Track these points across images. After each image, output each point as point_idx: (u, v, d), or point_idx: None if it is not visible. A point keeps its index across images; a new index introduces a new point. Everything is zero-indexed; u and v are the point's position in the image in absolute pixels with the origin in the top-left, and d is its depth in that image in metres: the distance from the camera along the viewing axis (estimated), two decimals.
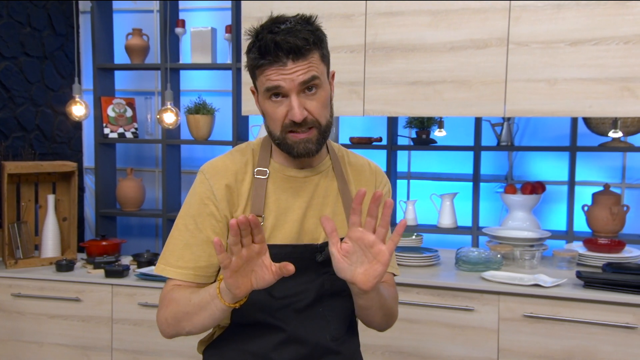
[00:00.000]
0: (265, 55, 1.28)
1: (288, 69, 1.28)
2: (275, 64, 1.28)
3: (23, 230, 3.15)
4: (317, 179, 1.45)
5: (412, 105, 2.79)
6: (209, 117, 3.48)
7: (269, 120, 1.36)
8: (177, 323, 1.35)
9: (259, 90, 1.35)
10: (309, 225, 1.42)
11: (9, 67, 3.63)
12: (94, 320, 2.92)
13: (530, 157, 3.62)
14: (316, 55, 1.32)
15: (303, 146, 1.34)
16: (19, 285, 2.98)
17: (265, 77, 1.30)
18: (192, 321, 1.32)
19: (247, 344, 1.41)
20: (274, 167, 1.43)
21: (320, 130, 1.35)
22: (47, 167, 3.14)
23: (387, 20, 2.78)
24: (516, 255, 2.86)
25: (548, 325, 2.52)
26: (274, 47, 1.26)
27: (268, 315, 1.40)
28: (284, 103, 1.31)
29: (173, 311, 1.35)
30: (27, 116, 3.76)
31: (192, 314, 1.31)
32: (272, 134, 1.37)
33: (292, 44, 1.26)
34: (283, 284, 1.38)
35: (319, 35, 1.33)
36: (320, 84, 1.33)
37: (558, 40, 2.63)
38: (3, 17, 3.61)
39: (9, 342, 3.01)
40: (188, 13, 3.85)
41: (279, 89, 1.29)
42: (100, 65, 3.55)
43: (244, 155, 1.44)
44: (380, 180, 1.54)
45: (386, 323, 1.47)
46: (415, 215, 3.56)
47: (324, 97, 1.34)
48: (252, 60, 1.32)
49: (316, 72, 1.31)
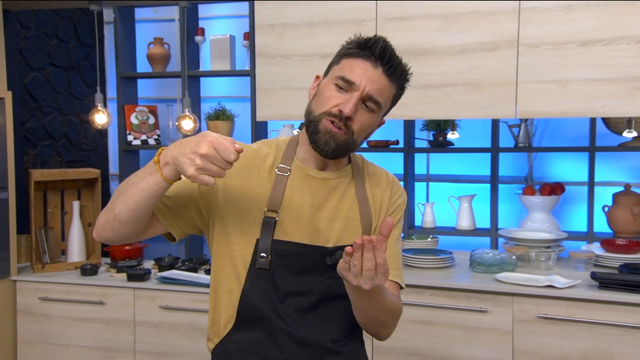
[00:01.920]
0: (368, 49, 1.37)
1: (374, 73, 1.36)
2: (369, 61, 1.36)
3: (50, 235, 3.25)
4: (335, 183, 1.49)
5: (423, 108, 2.81)
6: (229, 122, 3.54)
7: (319, 100, 1.41)
8: (111, 205, 1.35)
9: (331, 73, 1.42)
10: (321, 226, 1.46)
11: (36, 78, 3.76)
12: (117, 323, 3.00)
13: (550, 158, 3.60)
14: (394, 89, 1.42)
15: (327, 138, 1.39)
16: (45, 289, 3.08)
17: (350, 65, 1.37)
18: (123, 196, 1.31)
19: (252, 344, 1.45)
20: (295, 165, 1.48)
21: (347, 139, 1.40)
22: (71, 174, 3.24)
23: (397, 24, 2.81)
24: (531, 256, 2.85)
25: (563, 326, 2.52)
26: (381, 49, 1.36)
27: (273, 312, 1.43)
28: (344, 95, 1.38)
29: (115, 194, 1.36)
30: (55, 125, 3.88)
31: (126, 188, 1.32)
32: (311, 113, 1.42)
33: (394, 59, 1.38)
34: (289, 280, 1.43)
35: (407, 81, 1.45)
36: (377, 111, 1.41)
37: (568, 41, 2.62)
38: (31, 30, 3.74)
39: (37, 344, 3.11)
40: (207, 21, 3.93)
41: (352, 86, 1.36)
42: (123, 74, 3.65)
43: (269, 147, 1.51)
44: (396, 191, 1.57)
45: (375, 328, 1.47)
46: (434, 218, 3.57)
47: (371, 122, 1.42)
48: (351, 45, 1.40)
49: (382, 102, 1.40)
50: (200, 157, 1.19)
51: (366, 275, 1.21)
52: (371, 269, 1.20)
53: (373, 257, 1.20)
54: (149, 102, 4.04)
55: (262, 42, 3.01)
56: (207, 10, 3.94)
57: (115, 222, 1.32)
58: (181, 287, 2.89)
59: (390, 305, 1.41)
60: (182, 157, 1.21)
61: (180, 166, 1.21)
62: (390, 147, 3.53)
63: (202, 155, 1.18)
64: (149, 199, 1.29)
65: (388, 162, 3.80)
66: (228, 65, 3.55)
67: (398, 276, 1.51)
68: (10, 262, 3.09)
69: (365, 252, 1.19)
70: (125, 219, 1.32)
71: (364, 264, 1.20)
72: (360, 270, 1.21)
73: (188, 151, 1.20)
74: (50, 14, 3.84)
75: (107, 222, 1.34)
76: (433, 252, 2.95)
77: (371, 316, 1.41)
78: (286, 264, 1.43)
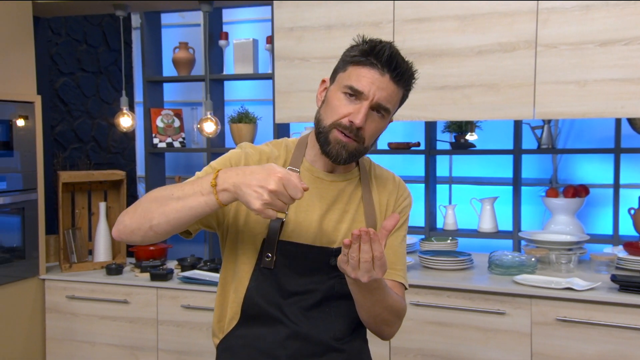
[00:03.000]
0: (374, 56, 1.37)
1: (382, 81, 1.36)
2: (376, 69, 1.36)
3: (77, 236, 3.34)
4: (342, 185, 1.51)
5: (441, 110, 2.81)
6: (251, 125, 3.59)
7: (328, 109, 1.42)
8: (145, 214, 1.31)
9: (338, 81, 1.43)
10: (327, 228, 1.48)
11: (67, 83, 3.87)
12: (141, 322, 3.07)
13: (575, 160, 3.55)
14: (401, 93, 1.43)
15: (338, 149, 1.41)
16: (72, 288, 3.17)
17: (357, 74, 1.38)
18: (164, 209, 1.29)
19: (255, 340, 1.48)
20: (304, 167, 1.50)
21: (359, 147, 1.42)
22: (98, 176, 3.33)
23: (414, 26, 2.82)
24: (552, 259, 2.83)
25: (582, 329, 2.49)
26: (388, 56, 1.36)
27: (276, 310, 1.46)
28: (353, 104, 1.39)
29: (149, 199, 1.33)
30: (84, 128, 3.98)
31: (167, 201, 1.29)
32: (321, 122, 1.44)
33: (401, 65, 1.38)
34: (294, 280, 1.46)
35: (413, 83, 1.46)
36: (386, 116, 1.42)
37: (587, 41, 2.59)
38: (62, 36, 3.85)
39: (64, 341, 3.20)
40: (231, 26, 3.99)
41: (361, 95, 1.37)
42: (149, 78, 3.73)
43: (278, 149, 1.53)
44: (402, 194, 1.58)
45: (378, 326, 1.47)
46: (455, 220, 3.55)
47: (381, 127, 1.44)
48: (356, 52, 1.40)
49: (391, 108, 1.41)
50: (269, 193, 1.19)
51: (363, 267, 1.23)
52: (368, 261, 1.22)
53: (370, 249, 1.21)
54: (175, 105, 4.12)
55: (281, 45, 3.05)
56: (232, 15, 4.00)
57: (150, 231, 1.32)
58: (202, 287, 2.94)
59: (392, 304, 1.42)
60: (247, 189, 1.21)
61: (245, 197, 1.21)
62: (412, 149, 3.53)
63: (270, 191, 1.19)
64: (195, 217, 1.30)
65: (409, 164, 3.80)
66: (251, 68, 3.60)
67: (402, 277, 1.52)
68: (39, 262, 3.18)
69: (363, 244, 1.21)
70: (163, 231, 1.32)
71: (361, 256, 1.21)
72: (357, 263, 1.22)
73: (255, 184, 1.20)
74: (80, 20, 3.95)
75: (138, 229, 1.33)
76: (451, 254, 2.95)
77: (373, 313, 1.42)
78: (291, 264, 1.46)
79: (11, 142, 3.02)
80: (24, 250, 3.11)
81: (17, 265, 3.08)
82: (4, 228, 3.08)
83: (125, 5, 3.33)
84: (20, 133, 3.05)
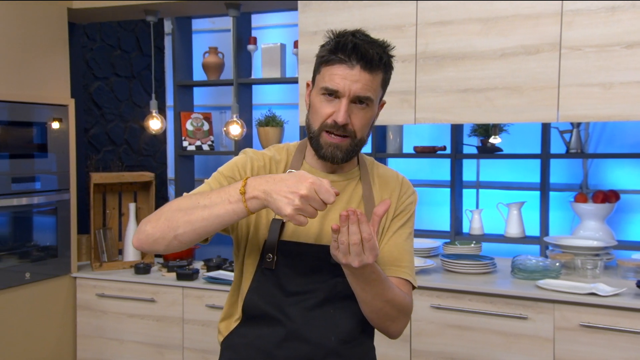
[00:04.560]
0: (340, 52, 1.37)
1: (353, 74, 1.37)
2: (345, 64, 1.37)
3: (108, 235, 3.43)
4: (343, 185, 1.52)
5: (464, 113, 2.80)
6: (278, 129, 3.64)
7: (313, 114, 1.44)
8: (169, 223, 1.30)
9: (316, 84, 1.44)
10: (328, 228, 1.48)
11: (101, 87, 3.98)
12: (167, 320, 3.13)
13: (606, 165, 3.49)
14: (380, 76, 1.42)
15: (331, 151, 1.42)
16: (102, 286, 3.25)
17: (329, 74, 1.38)
18: (189, 217, 1.29)
19: (256, 339, 1.48)
20: (304, 168, 1.52)
21: (353, 142, 1.43)
22: (128, 177, 3.41)
23: (437, 29, 2.82)
24: (577, 264, 2.79)
25: (607, 335, 2.45)
26: (352, 48, 1.36)
27: (277, 310, 1.46)
28: (333, 103, 1.40)
29: (173, 208, 1.32)
30: (117, 131, 4.09)
31: (192, 210, 1.29)
32: (310, 127, 1.46)
33: (367, 53, 1.36)
34: (295, 280, 1.46)
35: (389, 61, 1.44)
36: (371, 103, 1.42)
37: (613, 43, 2.56)
38: (97, 41, 3.96)
39: (94, 338, 3.28)
40: (260, 31, 4.05)
41: (337, 93, 1.38)
42: (179, 83, 3.81)
43: (280, 154, 1.55)
44: (405, 191, 1.57)
45: (382, 322, 1.46)
46: (482, 225, 3.53)
47: (369, 116, 1.44)
48: (324, 53, 1.41)
49: (372, 95, 1.40)
50: (300, 198, 1.19)
51: (353, 250, 1.22)
52: (357, 243, 1.21)
53: (358, 230, 1.20)
54: (205, 109, 4.20)
55: (305, 49, 3.09)
56: (260, 20, 4.06)
57: (175, 240, 1.31)
58: (227, 287, 2.98)
59: (393, 298, 1.40)
60: (277, 195, 1.21)
61: (275, 204, 1.21)
62: (438, 153, 3.52)
63: (302, 197, 1.19)
64: (222, 225, 1.29)
65: (435, 168, 3.79)
66: (278, 72, 3.65)
67: (408, 274, 1.50)
68: (71, 260, 3.27)
69: (351, 225, 1.20)
70: (188, 240, 1.31)
71: (349, 238, 1.21)
72: (347, 247, 1.22)
73: (286, 190, 1.20)
74: (114, 26, 4.06)
75: (162, 238, 1.31)
76: (474, 258, 2.93)
77: (375, 308, 1.41)
78: (292, 263, 1.46)
79: (46, 144, 3.12)
80: (57, 249, 3.21)
81: (50, 263, 3.18)
82: (39, 227, 3.19)
83: (156, 11, 3.42)
84: (54, 135, 3.15)
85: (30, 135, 3.07)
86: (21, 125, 3.03)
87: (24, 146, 3.05)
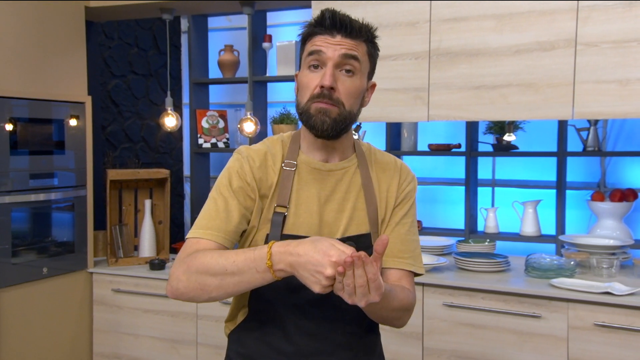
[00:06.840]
0: (319, 24, 1.39)
1: (335, 40, 1.37)
2: (324, 33, 1.38)
3: (124, 231, 3.46)
4: (340, 174, 1.50)
5: (477, 110, 2.78)
6: (292, 126, 3.64)
7: (302, 91, 1.43)
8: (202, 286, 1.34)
9: (303, 61, 1.45)
10: (328, 219, 1.47)
11: (118, 85, 4.02)
12: (181, 316, 3.15)
13: (625, 163, 3.45)
14: (363, 47, 1.41)
15: (321, 117, 1.39)
16: (118, 282, 3.28)
17: (312, 44, 1.39)
18: (221, 283, 1.32)
19: (264, 334, 1.49)
20: (301, 159, 1.49)
21: (341, 112, 1.40)
22: (143, 174, 3.44)
23: (451, 26, 2.80)
24: (592, 263, 2.76)
25: (622, 335, 2.42)
26: (330, 18, 1.38)
27: (282, 305, 1.46)
28: (319, 73, 1.40)
29: (200, 270, 1.33)
30: (134, 129, 4.12)
31: (223, 277, 1.31)
32: (299, 105, 1.44)
33: (346, 22, 1.38)
34: None
35: (372, 34, 1.44)
36: (358, 70, 1.40)
37: (630, 39, 2.52)
38: (114, 40, 4.00)
39: (110, 332, 3.32)
40: (276, 29, 4.06)
41: (320, 54, 1.37)
42: (195, 80, 3.84)
43: (275, 146, 1.52)
44: (405, 177, 1.55)
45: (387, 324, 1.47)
46: (497, 223, 3.51)
47: (357, 86, 1.42)
48: (306, 29, 1.43)
49: (358, 54, 1.39)
50: (327, 279, 1.20)
51: (359, 292, 1.20)
52: (363, 285, 1.19)
53: (364, 273, 1.19)
54: (221, 107, 4.22)
55: None
56: (276, 18, 4.07)
57: (210, 299, 1.36)
58: None
59: (398, 306, 1.40)
60: (304, 272, 1.23)
61: (303, 280, 1.24)
62: (453, 151, 3.51)
63: (327, 277, 1.20)
64: (252, 288, 1.34)
65: (450, 166, 3.78)
66: (293, 70, 3.65)
67: (411, 264, 1.50)
68: (87, 256, 3.31)
69: (356, 269, 1.18)
70: (222, 299, 1.37)
71: (355, 281, 1.19)
72: (353, 289, 1.20)
73: (312, 269, 1.21)
74: (132, 25, 4.09)
75: (197, 297, 1.36)
76: (488, 256, 2.91)
77: (381, 317, 1.43)
78: None
79: (64, 141, 3.16)
80: (74, 244, 3.25)
81: (67, 259, 3.22)
82: (56, 223, 3.23)
83: (171, 9, 3.44)
84: (72, 132, 3.19)
85: (48, 132, 3.12)
86: (40, 122, 3.07)
87: (43, 143, 3.09)
